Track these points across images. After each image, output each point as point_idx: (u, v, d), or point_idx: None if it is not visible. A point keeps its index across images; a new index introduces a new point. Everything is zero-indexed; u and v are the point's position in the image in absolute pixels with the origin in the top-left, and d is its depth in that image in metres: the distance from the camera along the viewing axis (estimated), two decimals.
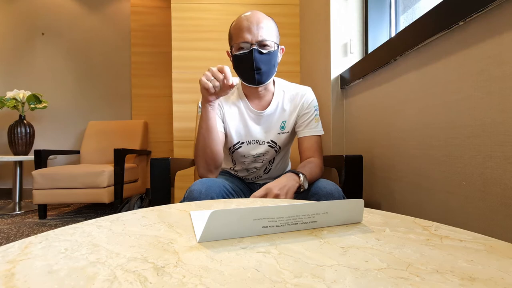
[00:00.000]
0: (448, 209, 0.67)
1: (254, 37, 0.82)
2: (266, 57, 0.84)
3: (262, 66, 0.84)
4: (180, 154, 1.76)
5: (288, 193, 0.74)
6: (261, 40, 0.83)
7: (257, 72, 0.84)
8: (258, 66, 0.83)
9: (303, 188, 0.78)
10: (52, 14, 2.94)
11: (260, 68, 0.84)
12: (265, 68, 0.85)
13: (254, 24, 0.83)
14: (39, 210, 2.08)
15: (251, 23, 0.83)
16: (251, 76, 0.85)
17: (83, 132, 2.85)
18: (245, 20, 0.83)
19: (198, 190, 0.74)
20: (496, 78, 0.55)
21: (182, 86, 1.76)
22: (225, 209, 0.33)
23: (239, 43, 0.83)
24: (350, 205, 0.40)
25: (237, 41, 0.84)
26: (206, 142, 0.84)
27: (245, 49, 0.83)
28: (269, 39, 0.84)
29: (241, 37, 0.83)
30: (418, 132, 0.78)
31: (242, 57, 0.84)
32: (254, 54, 0.82)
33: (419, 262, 0.28)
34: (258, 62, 0.83)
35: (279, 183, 0.76)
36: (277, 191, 0.73)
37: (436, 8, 0.68)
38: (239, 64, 0.86)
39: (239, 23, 0.84)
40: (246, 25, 0.83)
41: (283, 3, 1.79)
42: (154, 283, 0.23)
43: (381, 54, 0.94)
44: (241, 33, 0.83)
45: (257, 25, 0.83)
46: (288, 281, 0.24)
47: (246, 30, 0.82)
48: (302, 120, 0.95)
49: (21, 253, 0.30)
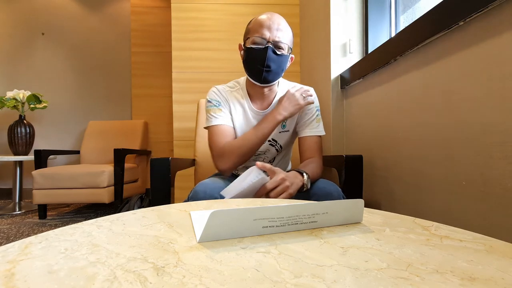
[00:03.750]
0: (448, 209, 0.67)
1: (272, 35, 0.84)
2: (278, 58, 0.85)
3: (272, 65, 0.85)
4: (180, 154, 1.76)
5: (293, 189, 0.75)
6: (278, 40, 0.84)
7: (266, 70, 0.85)
8: (269, 64, 0.84)
9: (306, 187, 0.78)
10: (52, 14, 2.94)
11: (270, 66, 0.85)
12: (275, 67, 0.86)
13: (275, 24, 0.84)
14: (39, 210, 2.07)
15: (272, 22, 0.84)
16: (259, 72, 0.86)
17: (83, 132, 2.85)
18: (267, 19, 0.85)
19: (202, 190, 0.75)
20: (496, 78, 0.55)
21: (182, 86, 1.76)
22: (225, 209, 0.33)
23: (256, 37, 0.84)
24: (350, 205, 0.40)
25: (255, 34, 0.85)
26: (255, 148, 0.87)
27: (261, 44, 0.84)
28: (285, 42, 0.85)
29: (259, 32, 0.84)
30: (418, 132, 0.78)
31: (255, 51, 0.85)
32: (268, 52, 0.83)
33: (419, 262, 0.28)
34: (270, 60, 0.84)
35: (290, 177, 0.75)
36: (288, 183, 0.74)
37: (436, 8, 0.68)
38: (250, 58, 0.87)
39: (261, 19, 0.86)
40: (268, 23, 0.84)
41: (283, 3, 1.79)
42: (154, 283, 0.23)
43: (381, 54, 0.94)
44: (260, 29, 0.84)
45: (277, 26, 0.84)
46: (288, 281, 0.24)
47: (266, 27, 0.84)
48: (303, 119, 0.96)
49: (21, 253, 0.30)
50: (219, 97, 0.95)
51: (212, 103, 0.94)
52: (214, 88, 0.97)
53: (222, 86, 0.99)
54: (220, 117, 0.92)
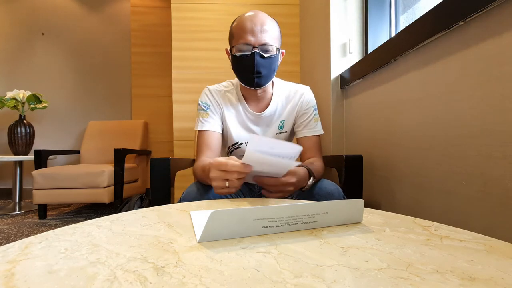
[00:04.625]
0: (448, 209, 0.67)
1: (257, 40, 0.80)
2: (267, 62, 0.83)
3: (262, 70, 0.83)
4: (180, 154, 1.76)
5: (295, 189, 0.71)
6: (263, 44, 0.81)
7: (257, 76, 0.83)
8: (259, 70, 0.82)
9: (305, 189, 0.77)
10: (52, 14, 2.94)
11: (260, 72, 0.83)
12: (265, 72, 0.84)
13: (258, 26, 0.80)
14: (39, 210, 2.08)
15: (254, 24, 0.80)
16: (251, 79, 0.84)
17: (83, 132, 2.85)
18: (249, 21, 0.81)
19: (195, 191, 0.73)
20: (496, 78, 0.55)
21: (182, 86, 1.76)
22: (225, 209, 0.33)
23: (241, 45, 0.81)
24: (350, 205, 0.40)
25: (239, 42, 0.82)
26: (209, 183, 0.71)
27: (247, 51, 0.81)
28: (271, 43, 0.82)
29: (243, 39, 0.81)
30: (418, 132, 0.78)
31: (242, 59, 0.82)
32: (256, 58, 0.80)
33: (419, 262, 0.28)
34: (259, 66, 0.82)
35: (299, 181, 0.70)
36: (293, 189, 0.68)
37: (436, 8, 0.68)
38: (239, 66, 0.85)
39: (242, 23, 0.82)
40: (250, 26, 0.80)
41: (283, 3, 1.79)
42: (154, 283, 0.23)
43: (381, 54, 0.94)
44: (244, 35, 0.81)
45: (261, 28, 0.81)
46: (288, 281, 0.24)
47: (250, 32, 0.80)
48: (301, 120, 0.95)
49: (21, 253, 0.30)
50: (209, 100, 0.93)
51: (201, 106, 0.93)
52: (206, 89, 0.95)
53: (215, 86, 0.97)
54: (207, 123, 0.91)
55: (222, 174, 0.58)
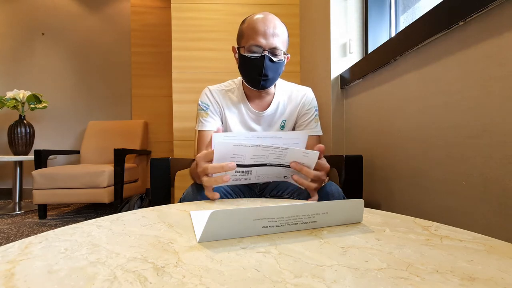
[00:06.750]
0: (448, 209, 0.67)
1: (268, 43, 0.81)
2: (275, 66, 0.84)
3: (269, 73, 0.84)
4: (180, 154, 1.76)
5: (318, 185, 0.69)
6: (274, 47, 0.81)
7: (263, 79, 0.84)
8: (266, 73, 0.83)
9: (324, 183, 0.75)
10: (52, 14, 2.94)
11: (267, 75, 0.84)
12: (272, 75, 0.85)
13: (270, 29, 0.81)
14: (39, 210, 2.08)
15: (267, 27, 0.81)
16: (257, 80, 0.85)
17: (83, 132, 2.85)
18: (262, 23, 0.82)
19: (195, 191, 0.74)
20: (496, 78, 0.55)
21: (182, 86, 1.76)
22: (225, 209, 0.33)
23: (252, 46, 0.82)
24: (350, 205, 0.40)
25: (250, 43, 0.82)
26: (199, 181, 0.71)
27: (257, 52, 0.82)
28: (280, 48, 0.83)
29: (254, 40, 0.81)
30: (418, 132, 0.78)
31: (252, 60, 0.83)
32: (265, 61, 0.81)
33: (419, 262, 0.28)
34: (267, 69, 0.83)
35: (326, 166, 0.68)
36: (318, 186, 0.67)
37: (436, 8, 0.68)
38: (247, 66, 0.85)
39: (255, 24, 0.82)
40: (262, 29, 0.81)
41: (283, 3, 1.79)
42: (154, 283, 0.23)
43: (381, 54, 0.94)
44: (256, 36, 0.81)
45: (273, 31, 0.81)
46: (288, 281, 0.24)
47: (262, 35, 0.81)
48: (302, 120, 0.95)
49: (21, 253, 0.30)
50: (209, 100, 0.94)
51: (200, 107, 0.93)
52: (207, 89, 0.96)
53: (216, 86, 0.97)
54: (206, 122, 0.91)
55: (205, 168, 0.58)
